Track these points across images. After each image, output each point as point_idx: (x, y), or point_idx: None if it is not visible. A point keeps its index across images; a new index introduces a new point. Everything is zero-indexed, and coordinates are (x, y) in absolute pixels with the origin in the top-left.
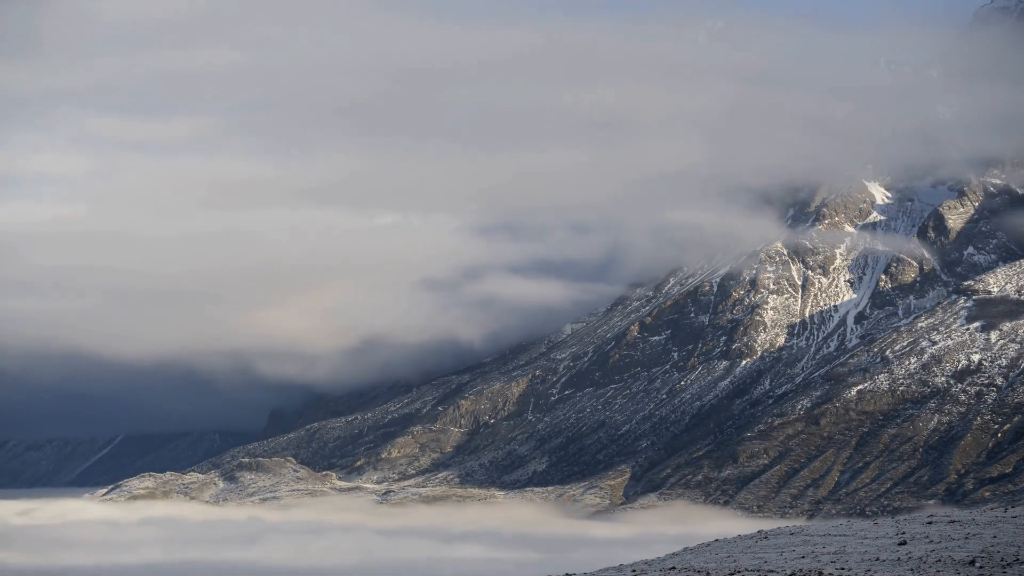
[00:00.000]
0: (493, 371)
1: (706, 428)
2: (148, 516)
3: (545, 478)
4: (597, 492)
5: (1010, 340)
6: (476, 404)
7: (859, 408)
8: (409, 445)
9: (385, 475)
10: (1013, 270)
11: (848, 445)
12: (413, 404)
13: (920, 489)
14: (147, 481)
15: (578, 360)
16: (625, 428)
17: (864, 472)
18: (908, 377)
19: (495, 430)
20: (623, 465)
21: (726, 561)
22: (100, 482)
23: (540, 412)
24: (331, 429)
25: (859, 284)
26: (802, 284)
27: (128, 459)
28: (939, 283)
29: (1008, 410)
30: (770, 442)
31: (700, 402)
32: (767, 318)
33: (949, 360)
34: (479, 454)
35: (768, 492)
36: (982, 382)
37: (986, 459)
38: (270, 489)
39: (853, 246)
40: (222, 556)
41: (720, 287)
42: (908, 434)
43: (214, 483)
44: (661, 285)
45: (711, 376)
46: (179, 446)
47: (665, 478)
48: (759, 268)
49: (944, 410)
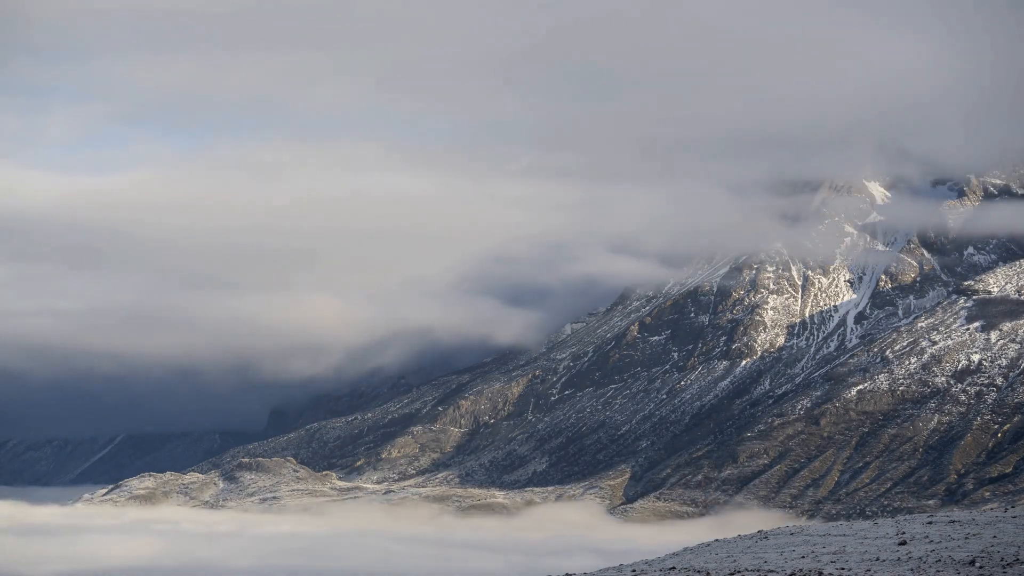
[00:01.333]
0: (493, 371)
1: (706, 428)
2: (144, 518)
3: (545, 478)
4: (597, 492)
5: (1010, 340)
6: (476, 404)
7: (859, 408)
8: (409, 445)
9: (385, 475)
10: (1013, 270)
11: (848, 445)
12: (413, 404)
13: (920, 489)
14: (147, 481)
15: (578, 360)
16: (625, 428)
17: (864, 472)
18: (908, 377)
19: (495, 430)
20: (623, 465)
21: (726, 561)
22: (100, 482)
23: (540, 412)
24: (331, 429)
25: (859, 284)
26: (802, 284)
27: (128, 459)
28: (939, 283)
29: (1008, 410)
30: (770, 442)
31: (700, 402)
32: (767, 318)
33: (949, 360)
34: (479, 454)
35: (768, 492)
36: (982, 382)
37: (986, 459)
38: (270, 489)
39: (853, 246)
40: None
41: (720, 287)
42: (908, 434)
43: (214, 483)
44: (661, 285)
45: (711, 376)
46: (179, 446)
47: (665, 478)
48: (759, 268)
49: (944, 410)
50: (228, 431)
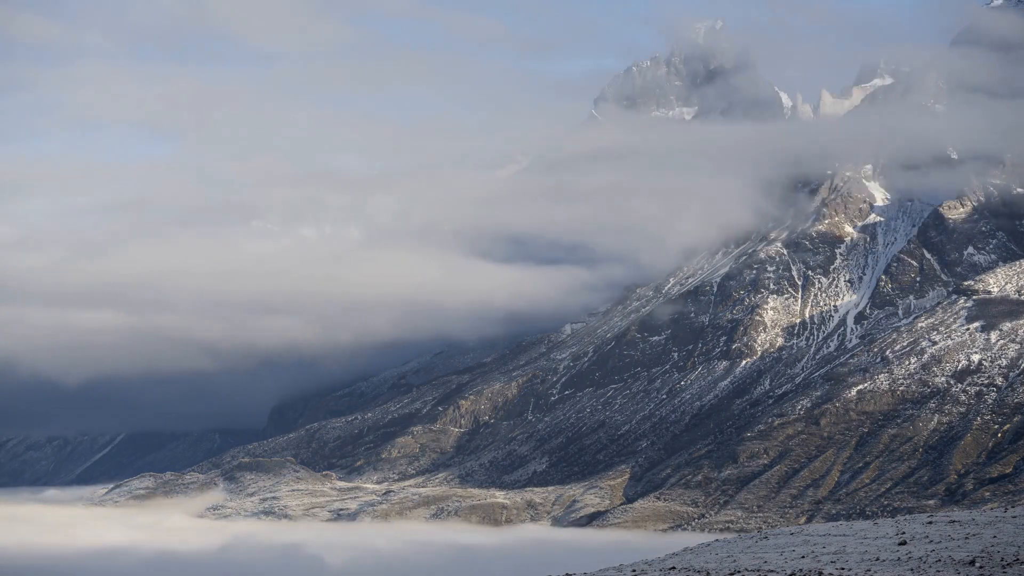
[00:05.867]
0: (493, 371)
1: (706, 428)
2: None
3: (545, 478)
4: (597, 492)
5: (1010, 340)
6: (476, 404)
7: (859, 408)
8: (409, 445)
9: (385, 475)
10: (1013, 270)
11: (848, 445)
12: (413, 404)
13: (920, 489)
14: (147, 481)
15: (578, 360)
16: (625, 428)
17: (864, 472)
18: (908, 377)
19: (495, 430)
20: (623, 465)
21: (726, 561)
22: (100, 482)
23: (540, 412)
24: (331, 429)
25: (859, 284)
26: (802, 284)
27: (128, 459)
28: (939, 283)
29: (1008, 410)
30: (770, 442)
31: (700, 402)
32: (767, 318)
33: (949, 360)
34: (479, 454)
35: (768, 492)
36: (982, 382)
37: (986, 459)
38: (270, 489)
39: (853, 246)
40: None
41: (720, 287)
42: (908, 434)
43: (214, 483)
44: (661, 285)
45: (711, 376)
46: (179, 446)
47: (665, 478)
48: (759, 268)
49: (944, 410)
50: (228, 431)
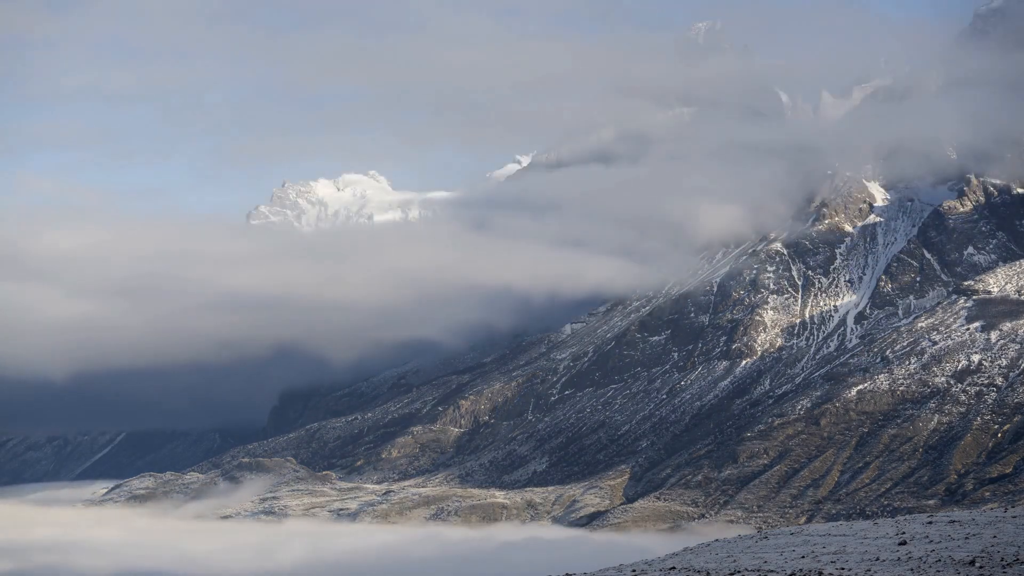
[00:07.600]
0: (493, 371)
1: (706, 428)
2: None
3: (545, 478)
4: (597, 492)
5: (1010, 340)
6: (476, 404)
7: (859, 408)
8: (409, 445)
9: (385, 475)
10: (1013, 270)
11: (848, 445)
12: (413, 404)
13: (920, 489)
14: (147, 481)
15: (578, 360)
16: (625, 428)
17: (864, 472)
18: (908, 377)
19: (495, 430)
20: (623, 465)
21: (726, 561)
22: (100, 482)
23: (540, 412)
24: (331, 429)
25: (859, 284)
26: (802, 284)
27: (128, 459)
28: (939, 283)
29: (1008, 410)
30: (770, 442)
31: (700, 402)
32: (767, 318)
33: (949, 360)
34: (479, 454)
35: (768, 492)
36: (982, 382)
37: (986, 459)
38: (270, 489)
39: (853, 246)
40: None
41: (720, 287)
42: (908, 434)
43: (214, 483)
44: (661, 285)
45: (711, 376)
46: (179, 446)
47: (665, 478)
48: (759, 268)
49: (944, 410)
50: (228, 431)
